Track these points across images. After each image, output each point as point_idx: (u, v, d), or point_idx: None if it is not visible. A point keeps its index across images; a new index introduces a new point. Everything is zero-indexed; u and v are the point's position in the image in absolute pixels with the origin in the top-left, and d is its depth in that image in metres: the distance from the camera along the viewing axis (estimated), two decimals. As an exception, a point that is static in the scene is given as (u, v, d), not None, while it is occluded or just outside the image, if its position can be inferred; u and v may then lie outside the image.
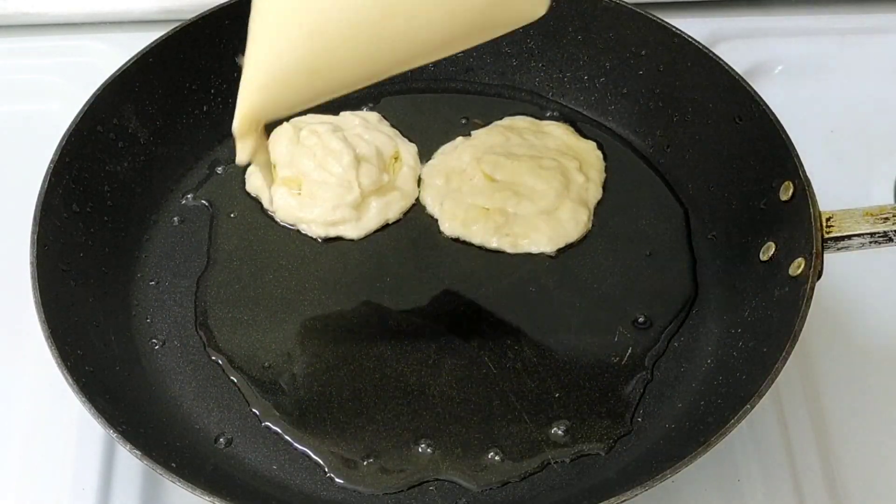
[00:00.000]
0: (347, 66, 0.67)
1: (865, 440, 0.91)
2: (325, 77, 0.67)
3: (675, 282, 0.94)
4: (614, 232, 0.97)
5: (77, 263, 0.89)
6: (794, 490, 0.87)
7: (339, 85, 0.69)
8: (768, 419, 0.90)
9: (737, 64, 0.97)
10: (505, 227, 0.95)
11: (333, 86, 0.68)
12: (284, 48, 0.66)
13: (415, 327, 0.91)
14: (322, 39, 0.65)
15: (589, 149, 1.02)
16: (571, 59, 1.05)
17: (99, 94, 0.94)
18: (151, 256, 0.95)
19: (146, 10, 1.15)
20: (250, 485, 0.82)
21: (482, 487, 0.82)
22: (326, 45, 0.65)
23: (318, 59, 0.66)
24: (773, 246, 0.89)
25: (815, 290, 0.81)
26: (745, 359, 0.85)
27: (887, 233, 0.83)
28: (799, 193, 0.87)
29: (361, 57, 0.66)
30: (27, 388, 0.92)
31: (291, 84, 0.67)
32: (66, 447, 0.88)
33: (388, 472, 0.83)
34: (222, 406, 0.86)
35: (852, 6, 1.20)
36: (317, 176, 0.96)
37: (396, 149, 1.01)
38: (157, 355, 0.89)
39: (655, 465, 0.77)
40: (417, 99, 1.07)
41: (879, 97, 1.13)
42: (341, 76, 0.68)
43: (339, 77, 0.68)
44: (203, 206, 0.98)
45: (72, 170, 0.90)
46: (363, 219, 0.96)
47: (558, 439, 0.84)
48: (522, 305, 0.92)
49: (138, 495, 0.86)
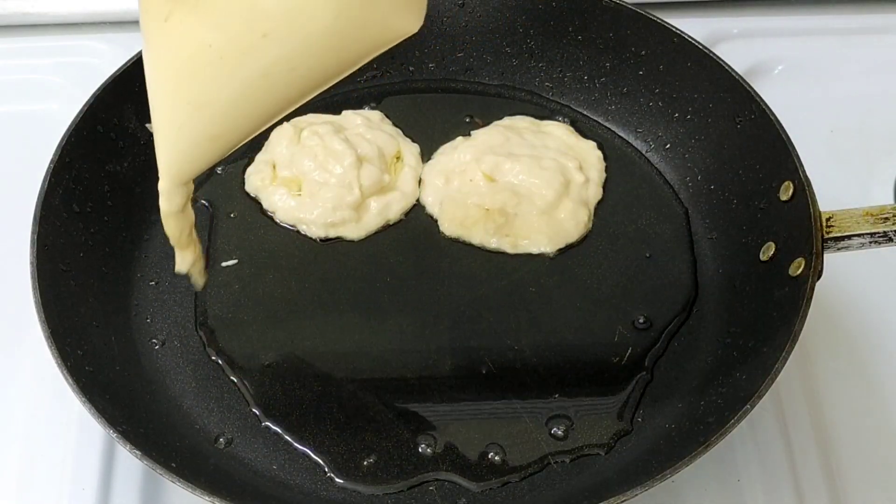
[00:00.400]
0: (246, 120, 0.68)
1: (865, 440, 0.91)
2: (229, 135, 0.69)
3: (675, 282, 0.94)
4: (614, 232, 0.97)
5: (77, 263, 0.89)
6: (794, 490, 0.87)
7: (248, 133, 0.70)
8: (768, 419, 0.90)
9: (737, 64, 0.97)
10: (505, 227, 0.95)
11: (242, 136, 0.70)
12: (180, 122, 0.68)
13: (415, 327, 0.91)
14: (211, 109, 0.67)
15: (589, 149, 1.02)
16: (571, 59, 1.05)
17: (99, 94, 0.94)
18: (151, 256, 0.95)
19: (146, 10, 1.15)
20: (250, 485, 0.82)
21: (482, 487, 0.82)
22: (217, 112, 0.67)
23: (215, 125, 0.68)
24: (773, 246, 0.89)
25: (815, 290, 0.81)
26: (745, 359, 0.85)
27: (887, 233, 0.83)
28: (799, 193, 0.87)
29: (257, 109, 0.68)
30: (27, 388, 0.92)
31: (199, 148, 0.70)
32: (66, 447, 0.88)
33: (388, 472, 0.83)
34: (222, 406, 0.86)
35: (852, 6, 1.20)
36: (317, 177, 0.96)
37: (398, 148, 1.01)
38: (157, 355, 0.89)
39: (655, 465, 0.77)
40: (418, 99, 1.07)
41: (879, 97, 1.13)
42: (245, 128, 0.69)
43: (243, 130, 0.69)
44: (203, 206, 0.98)
45: (72, 170, 0.90)
46: (363, 219, 0.96)
47: (558, 439, 0.84)
48: (522, 305, 0.92)
49: (138, 495, 0.86)
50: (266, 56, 0.64)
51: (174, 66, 0.66)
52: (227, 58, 0.64)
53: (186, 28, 0.64)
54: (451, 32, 1.07)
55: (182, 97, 0.66)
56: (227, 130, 0.68)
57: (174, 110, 0.67)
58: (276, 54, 0.64)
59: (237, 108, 0.67)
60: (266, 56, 0.64)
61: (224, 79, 0.65)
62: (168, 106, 0.68)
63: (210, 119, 0.67)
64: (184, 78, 0.66)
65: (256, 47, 0.63)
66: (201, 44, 0.63)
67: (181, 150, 0.70)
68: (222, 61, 0.64)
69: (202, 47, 0.64)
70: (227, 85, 0.65)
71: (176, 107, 0.67)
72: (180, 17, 0.64)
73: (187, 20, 0.64)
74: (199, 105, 0.66)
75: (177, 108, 0.67)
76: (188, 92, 0.66)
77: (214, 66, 0.64)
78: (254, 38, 0.63)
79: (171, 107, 0.67)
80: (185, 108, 0.67)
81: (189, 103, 0.66)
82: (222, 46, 0.63)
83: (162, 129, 0.69)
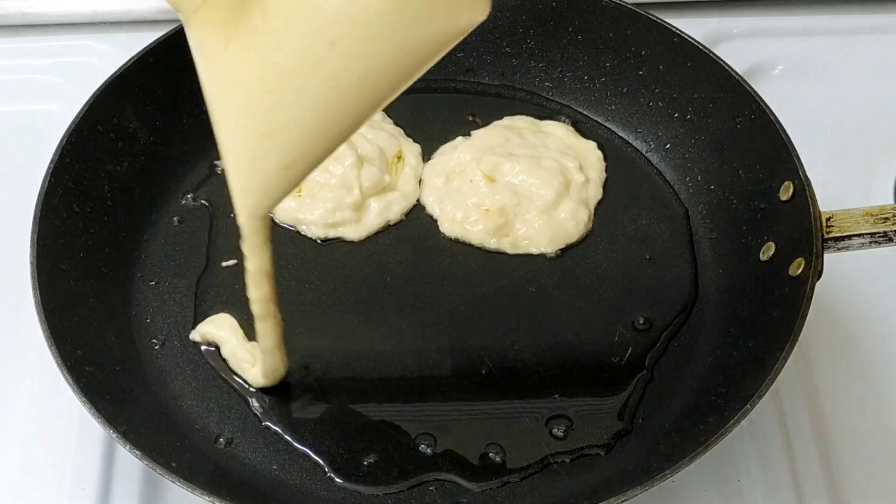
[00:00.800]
0: (319, 142, 0.66)
1: (865, 440, 0.91)
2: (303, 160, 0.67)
3: (675, 282, 0.94)
4: (614, 232, 0.97)
5: (77, 263, 0.89)
6: (794, 490, 0.87)
7: (321, 157, 0.67)
8: (768, 419, 0.90)
9: (737, 64, 0.97)
10: (505, 227, 0.95)
11: (316, 161, 0.67)
12: (251, 152, 0.65)
13: (415, 327, 0.91)
14: (283, 134, 0.64)
15: (589, 149, 1.02)
16: (571, 59, 1.05)
17: (99, 94, 0.94)
18: (151, 256, 0.95)
19: (146, 10, 1.15)
20: (250, 485, 0.82)
21: (482, 487, 0.82)
22: (289, 137, 0.64)
23: (289, 152, 0.65)
24: (773, 246, 0.89)
25: (815, 290, 0.81)
26: (745, 359, 0.85)
27: (887, 233, 0.83)
28: (799, 193, 0.87)
29: (329, 128, 0.65)
30: (27, 388, 0.92)
31: (274, 178, 0.67)
32: (66, 447, 0.88)
33: (388, 472, 0.83)
34: (222, 406, 0.86)
35: (852, 6, 1.20)
36: (317, 177, 0.96)
37: (400, 148, 1.01)
38: (157, 355, 0.89)
39: (655, 465, 0.77)
40: (417, 99, 1.06)
41: (879, 97, 1.13)
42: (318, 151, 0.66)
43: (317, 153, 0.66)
44: (203, 206, 0.98)
45: (72, 170, 0.90)
46: (363, 220, 0.96)
47: (558, 439, 0.84)
48: (522, 305, 0.92)
49: (138, 495, 0.86)
50: (335, 65, 0.61)
51: (240, 94, 0.63)
52: (294, 74, 0.61)
53: (249, 51, 0.62)
54: (451, 32, 1.07)
55: (252, 126, 0.64)
56: (301, 156, 0.66)
57: (244, 141, 0.65)
58: (344, 62, 0.61)
59: (309, 129, 0.64)
60: (335, 65, 0.61)
61: (294, 98, 0.62)
62: (237, 138, 0.65)
63: (282, 146, 0.65)
64: (251, 105, 0.63)
65: (324, 58, 0.60)
66: (266, 64, 0.61)
67: (256, 182, 0.67)
68: (290, 79, 0.61)
69: (268, 67, 0.61)
70: (297, 105, 0.63)
71: (246, 138, 0.64)
72: (241, 41, 0.62)
73: (249, 43, 0.61)
74: (269, 132, 0.64)
75: (247, 139, 0.65)
76: (257, 119, 0.64)
77: (282, 87, 0.62)
78: (320, 48, 0.60)
79: (241, 138, 0.65)
80: (255, 137, 0.64)
81: (259, 131, 0.64)
82: (289, 63, 0.61)
83: (233, 163, 0.67)
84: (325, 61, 0.61)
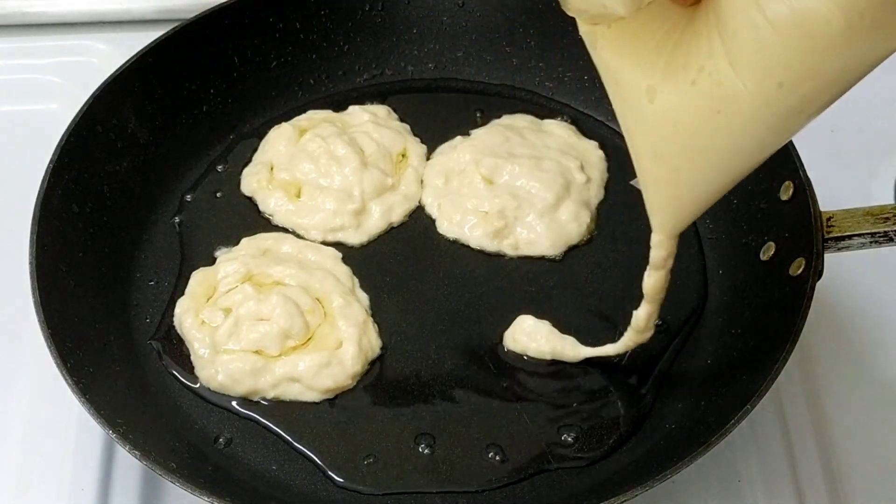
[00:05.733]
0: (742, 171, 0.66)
1: (865, 440, 0.91)
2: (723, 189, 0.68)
3: (676, 282, 0.94)
4: (616, 233, 0.97)
5: (77, 263, 0.88)
6: (794, 490, 0.87)
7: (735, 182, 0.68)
8: (768, 419, 0.90)
9: (737, 64, 0.97)
10: (504, 230, 0.95)
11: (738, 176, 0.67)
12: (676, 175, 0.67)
13: (415, 327, 0.91)
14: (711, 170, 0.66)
15: (591, 148, 1.02)
16: (571, 59, 1.05)
17: (99, 94, 0.94)
18: (151, 256, 0.95)
19: (146, 10, 1.15)
20: (250, 485, 0.82)
21: (482, 487, 0.82)
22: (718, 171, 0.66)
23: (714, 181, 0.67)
24: (773, 246, 0.89)
25: (815, 290, 0.81)
26: (745, 359, 0.85)
27: (888, 233, 0.83)
28: (799, 193, 0.87)
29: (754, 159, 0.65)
30: (27, 388, 0.92)
31: (693, 206, 0.70)
32: (65, 447, 0.88)
33: (388, 472, 0.83)
34: (222, 406, 0.86)
35: (852, 6, 1.20)
36: (318, 181, 0.96)
37: (405, 146, 1.00)
38: (157, 355, 0.89)
39: (655, 465, 0.77)
40: (418, 98, 1.07)
41: (879, 97, 1.13)
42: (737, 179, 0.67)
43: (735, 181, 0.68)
44: (203, 206, 0.98)
45: (71, 170, 0.90)
46: (364, 225, 0.95)
47: (558, 439, 0.84)
48: (522, 305, 0.92)
49: (138, 495, 0.86)
50: (776, 107, 0.60)
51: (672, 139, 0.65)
52: (736, 117, 0.61)
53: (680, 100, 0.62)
54: (451, 32, 1.07)
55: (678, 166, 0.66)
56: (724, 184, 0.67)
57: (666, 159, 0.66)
58: (788, 103, 0.60)
59: (736, 160, 0.65)
60: (776, 107, 0.60)
61: (730, 136, 0.62)
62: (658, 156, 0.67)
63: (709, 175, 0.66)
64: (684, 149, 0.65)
65: (769, 100, 0.59)
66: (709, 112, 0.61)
67: (678, 208, 0.70)
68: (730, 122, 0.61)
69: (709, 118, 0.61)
70: (730, 143, 0.63)
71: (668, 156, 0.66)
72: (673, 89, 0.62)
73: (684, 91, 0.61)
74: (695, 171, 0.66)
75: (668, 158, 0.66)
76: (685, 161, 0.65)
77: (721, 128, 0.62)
78: (769, 90, 0.59)
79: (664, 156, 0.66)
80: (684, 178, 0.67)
81: (682, 171, 0.66)
82: (732, 110, 0.60)
83: (660, 191, 0.70)
84: (769, 104, 0.60)
